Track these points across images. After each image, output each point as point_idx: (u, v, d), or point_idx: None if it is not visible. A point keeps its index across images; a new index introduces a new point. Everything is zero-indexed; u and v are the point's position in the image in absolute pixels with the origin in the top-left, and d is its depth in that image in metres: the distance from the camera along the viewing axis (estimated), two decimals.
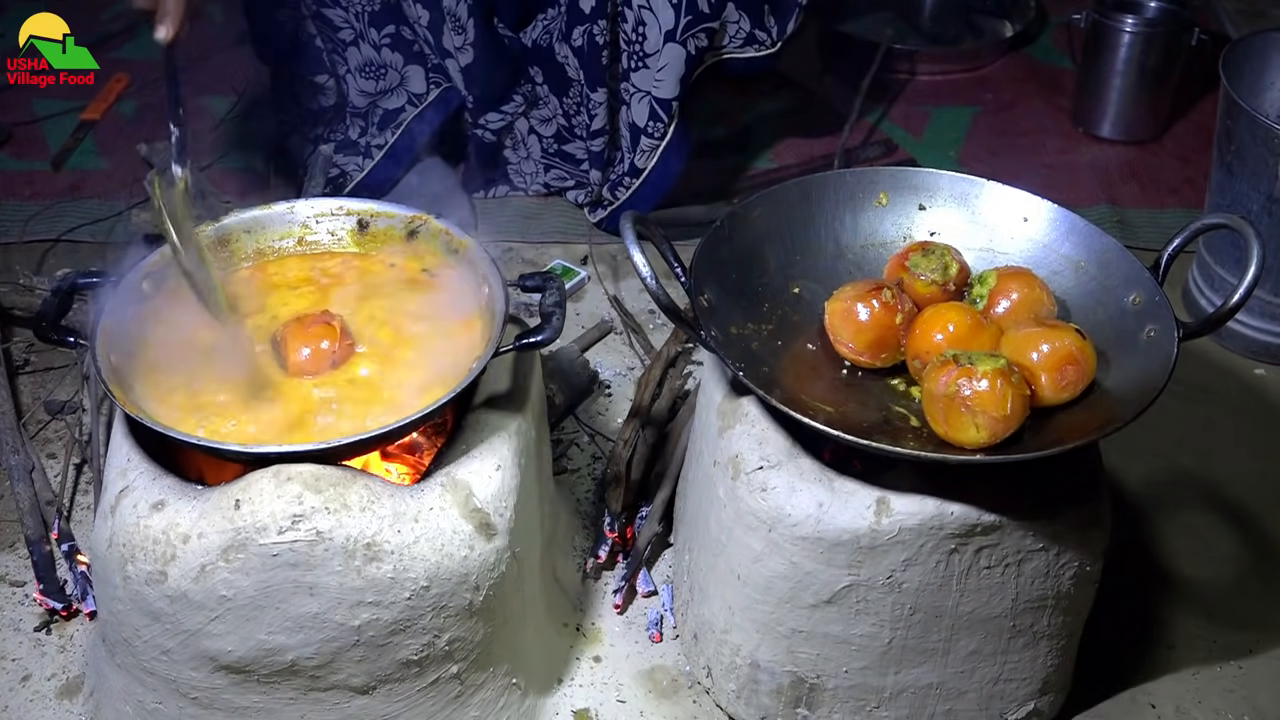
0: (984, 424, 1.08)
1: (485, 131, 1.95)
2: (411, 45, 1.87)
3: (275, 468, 1.09)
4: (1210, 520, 1.55)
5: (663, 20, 1.74)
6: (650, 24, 1.75)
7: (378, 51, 1.86)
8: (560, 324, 1.18)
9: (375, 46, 1.86)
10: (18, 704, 1.30)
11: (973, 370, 1.09)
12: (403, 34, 1.85)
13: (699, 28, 1.75)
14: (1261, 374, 1.76)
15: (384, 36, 1.85)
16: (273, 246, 1.32)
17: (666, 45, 1.75)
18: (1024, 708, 1.27)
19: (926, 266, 1.23)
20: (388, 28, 1.84)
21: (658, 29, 1.74)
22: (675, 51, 1.76)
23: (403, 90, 1.90)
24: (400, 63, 1.88)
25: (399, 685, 1.15)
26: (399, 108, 1.91)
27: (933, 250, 1.24)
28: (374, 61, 1.87)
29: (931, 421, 1.13)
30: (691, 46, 1.76)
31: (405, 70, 1.88)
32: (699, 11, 1.74)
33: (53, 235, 1.94)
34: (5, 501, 1.52)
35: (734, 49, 1.83)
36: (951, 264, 1.23)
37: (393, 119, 1.92)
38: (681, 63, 1.77)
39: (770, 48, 1.85)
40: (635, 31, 1.76)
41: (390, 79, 1.89)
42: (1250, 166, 1.64)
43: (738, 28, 1.81)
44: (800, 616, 1.18)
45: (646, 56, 1.77)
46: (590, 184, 1.96)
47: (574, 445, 1.62)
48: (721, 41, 1.82)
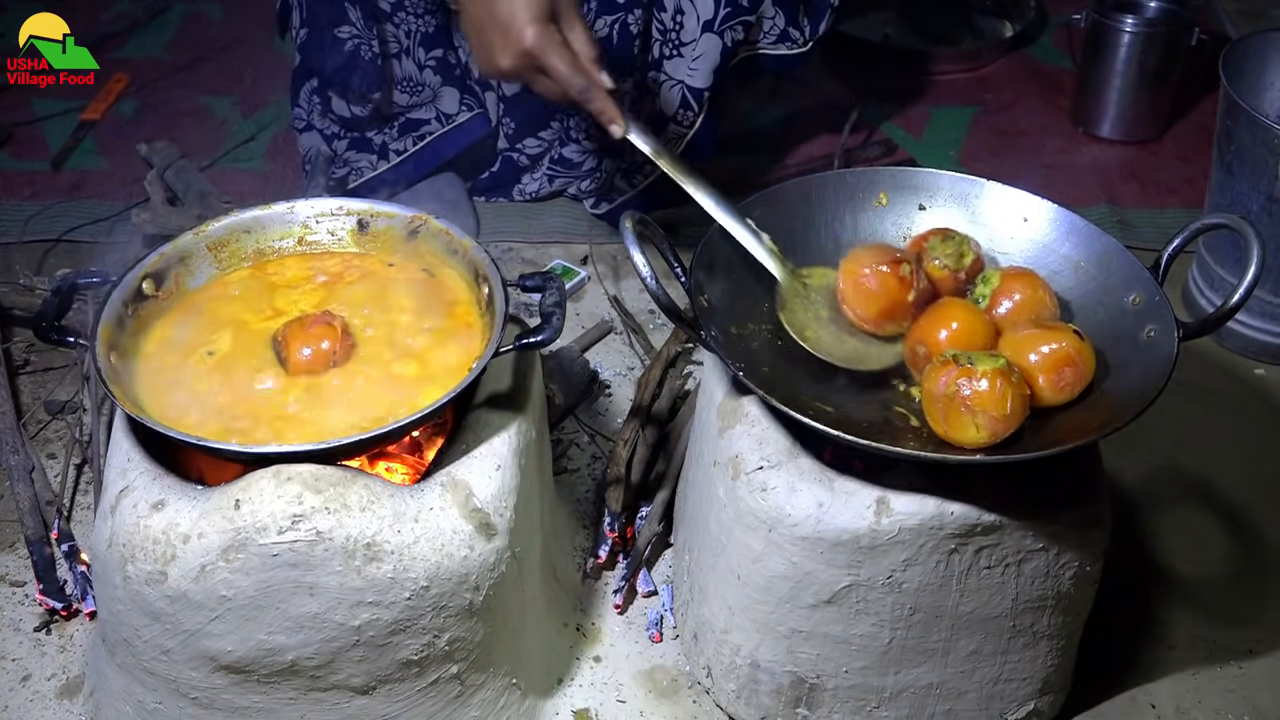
0: (984, 424, 1.08)
1: (521, 156, 1.97)
2: (454, 69, 1.89)
3: (275, 468, 1.09)
4: (1210, 520, 1.55)
5: (702, 10, 1.75)
6: (689, 13, 1.76)
7: (420, 71, 1.88)
8: (560, 324, 1.18)
9: (419, 66, 1.87)
10: (18, 704, 1.30)
11: (972, 370, 1.09)
12: (448, 59, 1.87)
13: (737, 20, 1.77)
14: (1261, 374, 1.76)
15: (430, 58, 1.87)
16: (273, 246, 1.32)
17: (704, 35, 1.76)
18: (1024, 708, 1.27)
19: (943, 251, 1.24)
20: (435, 51, 1.86)
21: (696, 18, 1.76)
22: (712, 42, 1.77)
23: (433, 106, 1.92)
24: (438, 84, 1.90)
25: (399, 685, 1.15)
26: (425, 120, 1.92)
27: (953, 237, 1.25)
28: (414, 79, 1.89)
29: (931, 421, 1.13)
30: (728, 38, 1.77)
31: (441, 90, 1.90)
32: (738, 4, 1.76)
33: (53, 235, 1.94)
34: (5, 501, 1.52)
35: (767, 45, 1.85)
36: (968, 253, 1.24)
37: (415, 128, 1.92)
38: (717, 53, 1.78)
39: (802, 46, 1.87)
40: (674, 20, 1.77)
41: (424, 95, 1.91)
42: (1250, 166, 1.64)
43: (773, 24, 1.83)
44: (800, 616, 1.18)
45: (683, 45, 1.78)
46: (599, 172, 1.95)
47: (574, 445, 1.62)
48: (756, 36, 1.83)
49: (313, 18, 1.85)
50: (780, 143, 2.20)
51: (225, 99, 2.28)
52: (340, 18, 1.82)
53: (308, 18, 1.86)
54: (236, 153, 2.14)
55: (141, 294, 1.22)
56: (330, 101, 1.92)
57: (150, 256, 1.25)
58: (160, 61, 2.39)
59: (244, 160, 2.13)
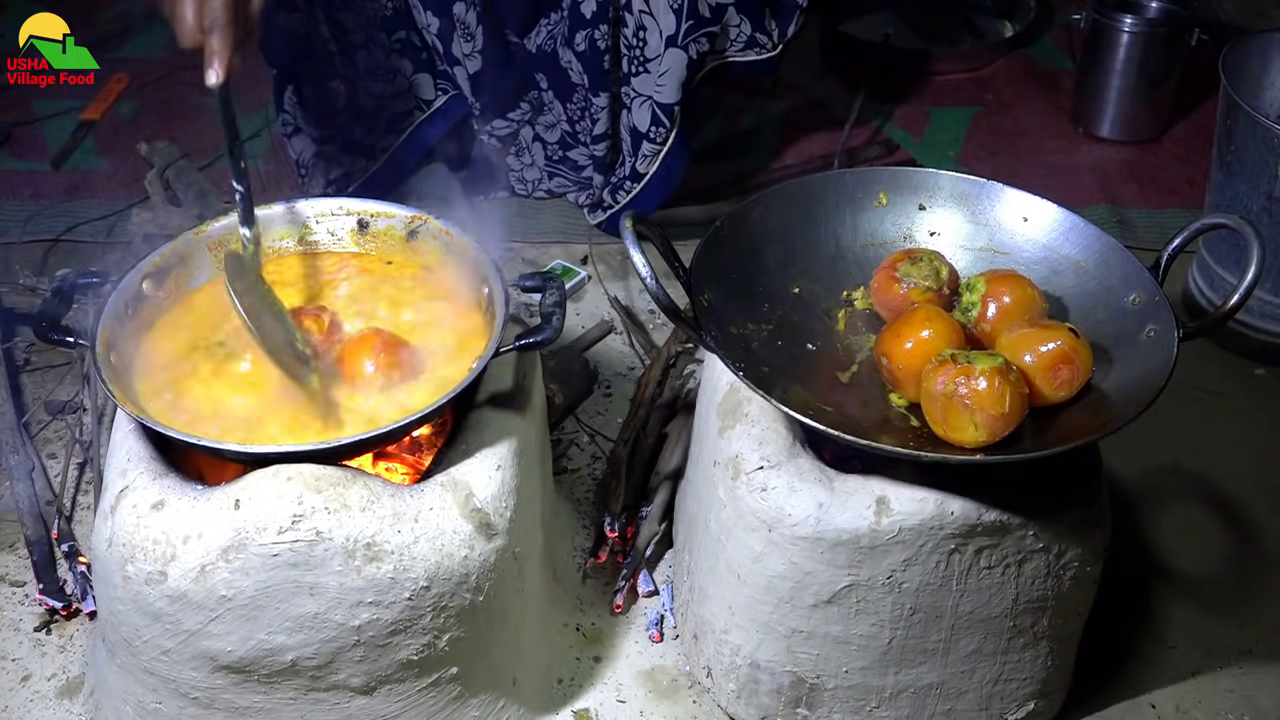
0: (982, 422, 1.08)
1: (491, 137, 1.95)
2: (420, 52, 1.87)
3: (275, 468, 1.09)
4: (1210, 520, 1.55)
5: (664, 25, 1.73)
6: (651, 29, 1.74)
7: (387, 56, 1.86)
8: (560, 324, 1.18)
9: (385, 50, 1.86)
10: (18, 704, 1.30)
11: (971, 369, 1.09)
12: (412, 40, 1.85)
13: (700, 32, 1.75)
14: (1261, 374, 1.76)
15: (394, 41, 1.85)
16: (273, 246, 1.32)
17: (668, 50, 1.74)
18: (1024, 708, 1.27)
19: (918, 274, 1.23)
20: (398, 33, 1.84)
21: (658, 34, 1.74)
22: (676, 56, 1.75)
23: (411, 95, 1.91)
24: (410, 69, 1.88)
25: (399, 685, 1.15)
26: (407, 111, 1.91)
27: (920, 257, 1.24)
28: (383, 65, 1.87)
29: (930, 421, 1.13)
30: (693, 51, 1.75)
31: (414, 77, 1.89)
32: (700, 16, 1.73)
33: (53, 235, 1.94)
34: (5, 501, 1.52)
35: (735, 52, 1.83)
36: (941, 268, 1.24)
37: (399, 122, 1.92)
38: (683, 67, 1.76)
39: (771, 50, 1.85)
40: (636, 36, 1.75)
41: (399, 84, 1.89)
42: (1250, 166, 1.64)
43: (739, 31, 1.81)
44: (800, 616, 1.18)
45: (648, 61, 1.76)
46: (593, 187, 1.96)
47: (574, 445, 1.62)
48: (723, 45, 1.81)
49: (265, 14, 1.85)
50: (780, 143, 2.20)
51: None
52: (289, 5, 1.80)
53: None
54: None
55: (141, 294, 1.22)
56: (306, 101, 1.91)
57: (150, 256, 1.25)
58: (160, 61, 2.39)
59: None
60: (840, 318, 1.29)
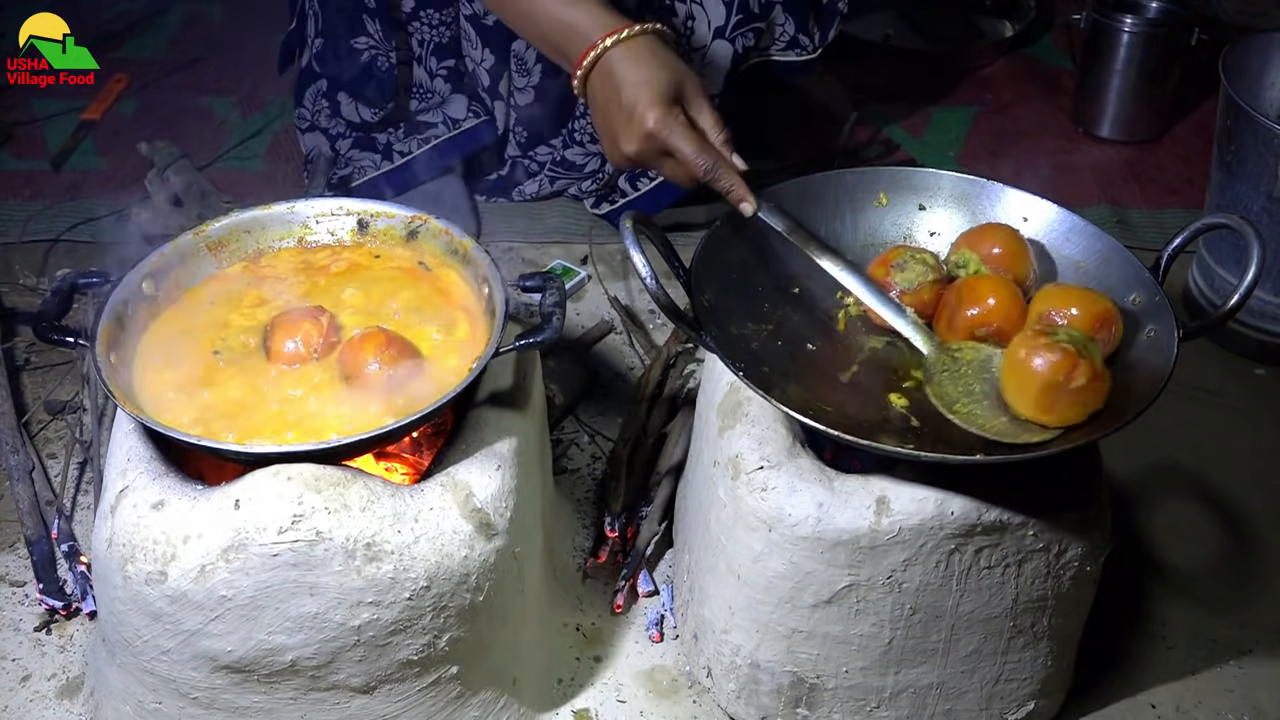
0: (1077, 410, 1.10)
1: (532, 163, 1.97)
2: (463, 78, 1.89)
3: (275, 468, 1.09)
4: (1210, 520, 1.55)
5: (713, 16, 1.75)
6: (700, 19, 1.76)
7: (431, 79, 1.88)
8: (560, 324, 1.18)
9: (431, 74, 1.87)
10: (18, 704, 1.30)
11: (1086, 364, 1.09)
12: (459, 69, 1.87)
13: (748, 27, 1.77)
14: (1261, 374, 1.76)
15: (441, 67, 1.86)
16: (272, 246, 1.32)
17: (715, 41, 1.76)
18: (1024, 708, 1.27)
19: (914, 274, 1.24)
20: (447, 61, 1.86)
21: (707, 24, 1.76)
22: (722, 48, 1.77)
23: (440, 110, 1.91)
24: (448, 91, 1.89)
25: (399, 685, 1.15)
26: (432, 123, 1.92)
27: (905, 260, 1.25)
28: (424, 85, 1.89)
29: (1009, 393, 1.13)
30: (739, 44, 1.77)
31: (450, 96, 1.90)
32: (749, 10, 1.76)
33: (53, 235, 1.93)
34: (5, 501, 1.52)
35: (778, 51, 1.86)
36: (928, 257, 1.25)
37: (421, 131, 1.92)
38: (727, 60, 1.78)
39: (811, 53, 1.87)
40: (685, 25, 1.77)
41: (433, 101, 1.91)
42: (1250, 166, 1.64)
43: (783, 30, 1.83)
44: (800, 616, 1.18)
45: (693, 51, 1.78)
46: (602, 173, 1.95)
47: (574, 445, 1.62)
48: (767, 43, 1.84)
49: (330, 29, 1.84)
50: (780, 143, 2.19)
51: (225, 99, 2.28)
52: (358, 28, 1.81)
53: (324, 28, 1.85)
54: (236, 152, 2.14)
55: (141, 294, 1.22)
56: (340, 105, 1.91)
57: (150, 256, 1.25)
58: (160, 61, 2.39)
59: (244, 160, 2.13)
60: (840, 318, 1.29)
